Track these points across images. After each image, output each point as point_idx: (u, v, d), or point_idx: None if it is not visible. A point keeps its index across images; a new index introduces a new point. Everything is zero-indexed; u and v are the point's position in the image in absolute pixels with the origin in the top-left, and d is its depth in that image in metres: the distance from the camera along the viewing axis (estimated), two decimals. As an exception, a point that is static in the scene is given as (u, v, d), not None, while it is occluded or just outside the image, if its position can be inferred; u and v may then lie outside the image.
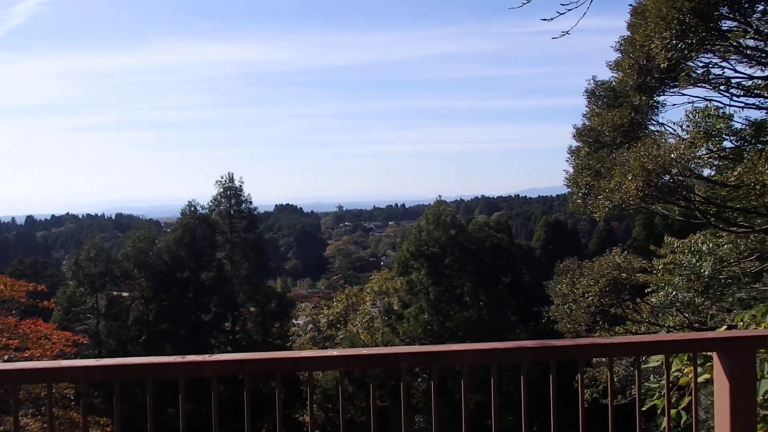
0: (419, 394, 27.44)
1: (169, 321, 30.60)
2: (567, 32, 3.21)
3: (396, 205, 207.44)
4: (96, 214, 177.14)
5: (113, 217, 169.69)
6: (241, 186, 33.58)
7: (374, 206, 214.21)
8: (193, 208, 33.03)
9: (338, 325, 37.40)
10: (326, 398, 28.99)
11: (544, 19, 3.12)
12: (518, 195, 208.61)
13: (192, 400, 21.04)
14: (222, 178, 33.29)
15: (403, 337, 28.48)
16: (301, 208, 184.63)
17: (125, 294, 31.62)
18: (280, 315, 32.65)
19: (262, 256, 33.38)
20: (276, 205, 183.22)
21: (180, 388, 2.75)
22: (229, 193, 33.12)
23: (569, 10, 3.08)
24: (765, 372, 5.00)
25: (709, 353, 3.11)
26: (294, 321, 39.75)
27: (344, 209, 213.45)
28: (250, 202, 33.81)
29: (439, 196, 33.49)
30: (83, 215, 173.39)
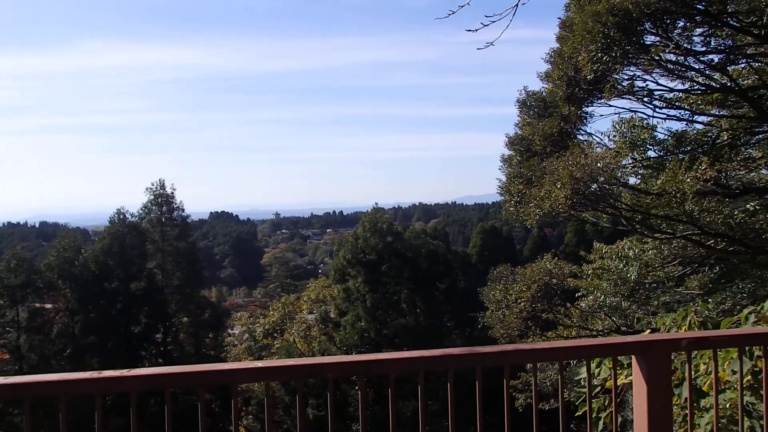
0: (356, 402, 27.33)
1: (96, 333, 29.52)
2: (491, 43, 3.26)
3: (334, 212, 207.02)
4: (18, 222, 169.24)
5: (36, 225, 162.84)
6: (173, 193, 32.84)
7: (312, 213, 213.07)
8: (122, 216, 32.04)
9: (275, 335, 36.94)
10: (262, 409, 28.55)
11: (469, 30, 3.16)
12: (455, 202, 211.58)
13: (122, 415, 20.31)
14: (153, 184, 32.46)
15: (340, 345, 28.36)
16: (237, 216, 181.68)
17: (48, 306, 30.34)
18: (214, 325, 32.01)
19: (195, 265, 32.67)
20: (211, 212, 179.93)
21: (96, 405, 2.62)
22: (160, 200, 32.30)
23: (493, 21, 3.12)
24: (685, 374, 5.19)
25: (629, 357, 3.18)
26: (229, 331, 39.08)
27: (281, 217, 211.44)
28: (183, 210, 33.08)
29: (376, 204, 33.49)
30: (4, 223, 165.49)
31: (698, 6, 11.00)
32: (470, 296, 28.95)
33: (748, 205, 13.25)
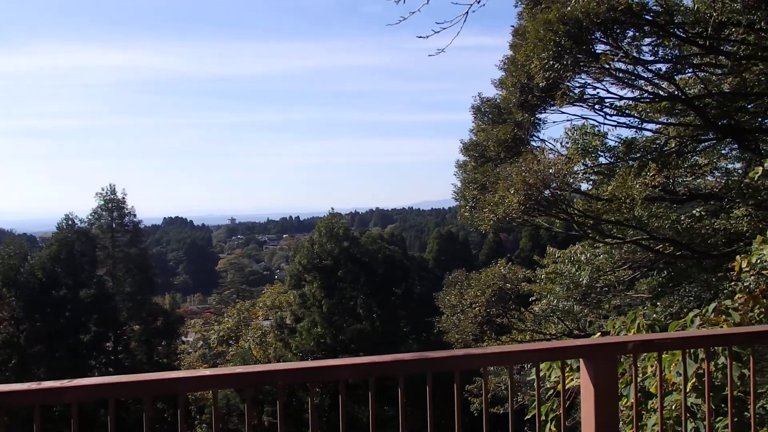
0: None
1: (43, 343, 28.58)
2: (443, 50, 3.27)
3: (290, 217, 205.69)
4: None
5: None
6: (124, 198, 32.11)
7: (268, 219, 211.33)
8: (70, 222, 31.14)
9: (230, 342, 36.40)
10: (218, 417, 28.09)
11: (420, 37, 3.15)
12: (412, 207, 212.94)
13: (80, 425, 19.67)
14: (103, 190, 31.68)
15: (296, 351, 28.13)
16: (191, 221, 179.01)
17: (-8, 315, 29.27)
18: (167, 333, 31.37)
19: (147, 272, 31.99)
20: (164, 218, 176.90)
21: (35, 417, 2.52)
22: (110, 205, 31.54)
23: (444, 29, 3.12)
24: (631, 376, 5.27)
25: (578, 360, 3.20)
26: (183, 338, 38.34)
27: (237, 222, 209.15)
28: (134, 215, 32.38)
29: (332, 209, 33.38)
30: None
31: (646, 17, 11.28)
32: (427, 301, 29.10)
33: (694, 211, 13.62)
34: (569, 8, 9.43)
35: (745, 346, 3.49)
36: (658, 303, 13.87)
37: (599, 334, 8.78)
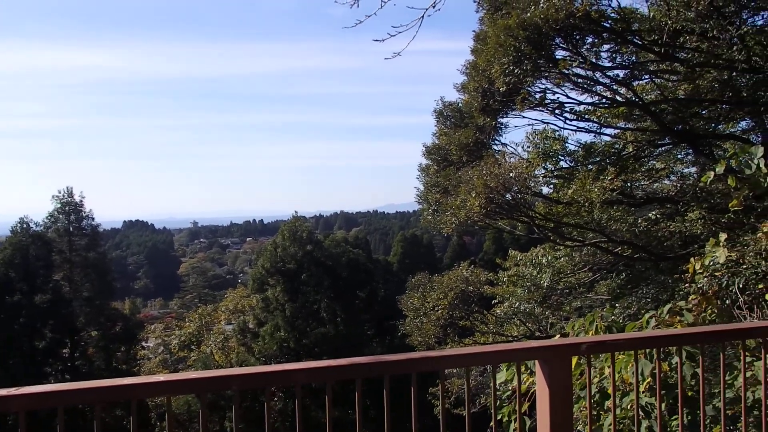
0: (275, 414, 26.93)
1: (-3, 349, 27.80)
2: (399, 53, 3.28)
3: (254, 220, 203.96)
4: None
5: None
6: (81, 201, 31.38)
7: (231, 222, 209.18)
8: (25, 225, 30.31)
9: (191, 347, 35.92)
10: (179, 424, 27.69)
11: (376, 40, 3.16)
12: (377, 210, 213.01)
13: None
14: (60, 192, 30.93)
15: (259, 355, 27.89)
16: (152, 225, 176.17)
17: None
18: (126, 338, 30.75)
19: (105, 276, 31.31)
20: (124, 221, 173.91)
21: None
22: (67, 208, 30.79)
23: (400, 32, 3.13)
24: (591, 376, 5.36)
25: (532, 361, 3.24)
26: (143, 344, 37.67)
27: (200, 225, 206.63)
28: (93, 218, 31.67)
29: (296, 212, 33.19)
30: None
31: (604, 24, 11.49)
32: (391, 304, 29.14)
33: (650, 214, 13.89)
34: (529, 14, 9.55)
35: (696, 345, 3.57)
36: (617, 304, 14.11)
37: (559, 335, 8.89)
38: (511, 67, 9.90)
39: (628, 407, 4.78)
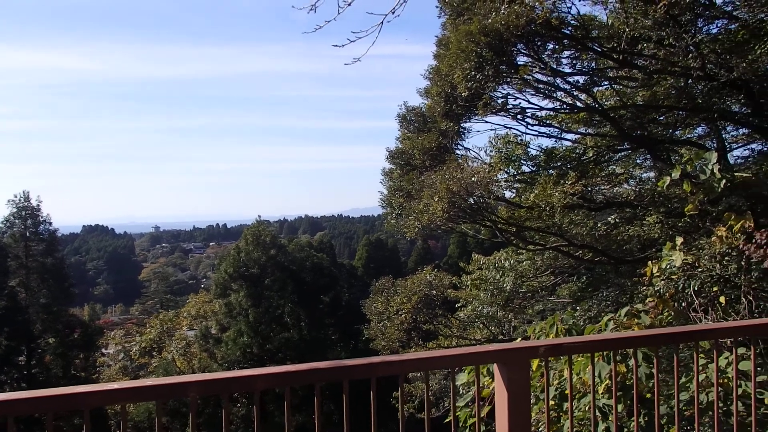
0: (238, 420, 26.63)
1: (-51, 358, 26.93)
2: (359, 59, 3.27)
3: (217, 225, 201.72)
4: None
5: None
6: (38, 205, 30.63)
7: (194, 226, 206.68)
8: (-22, 231, 29.52)
9: (153, 353, 35.28)
10: (139, 431, 27.20)
11: (336, 46, 3.15)
12: (342, 215, 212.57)
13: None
14: (16, 197, 30.15)
15: (221, 361, 27.55)
16: (112, 229, 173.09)
17: None
18: (84, 345, 30.04)
19: (63, 282, 30.58)
20: (83, 225, 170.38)
21: None
22: (24, 213, 30.01)
23: (360, 38, 3.12)
24: (551, 379, 5.41)
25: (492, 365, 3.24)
26: (103, 351, 36.90)
27: (161, 230, 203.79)
28: (50, 223, 30.93)
29: (259, 216, 32.95)
30: None
31: (564, 31, 11.65)
32: (355, 308, 29.09)
33: (610, 218, 14.12)
34: (490, 20, 9.62)
35: (651, 347, 3.62)
36: (578, 307, 14.31)
37: (521, 338, 8.97)
38: (473, 73, 9.97)
39: (587, 409, 4.84)
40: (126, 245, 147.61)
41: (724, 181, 6.35)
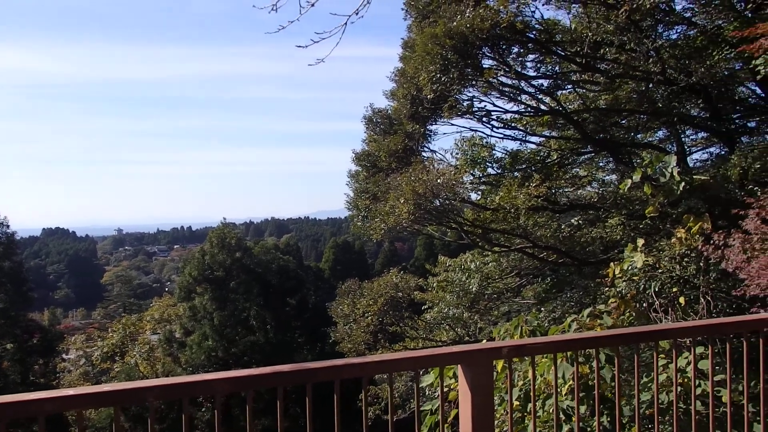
0: (203, 425, 26.28)
1: None
2: (322, 60, 3.24)
3: (182, 227, 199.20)
4: None
5: None
6: (-5, 208, 29.88)
7: (158, 229, 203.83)
8: (-67, 235, 28.61)
9: (115, 358, 34.61)
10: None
11: (299, 46, 3.11)
12: (308, 217, 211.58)
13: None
14: (-28, 199, 29.36)
15: (186, 365, 27.16)
16: (73, 232, 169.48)
17: None
18: (44, 351, 29.32)
19: (22, 286, 29.80)
20: (44, 228, 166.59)
21: None
22: (-20, 216, 29.23)
23: (323, 39, 3.09)
24: (515, 380, 5.44)
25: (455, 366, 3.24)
26: (63, 356, 36.09)
27: (124, 233, 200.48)
28: (8, 226, 30.09)
29: (224, 219, 32.58)
30: None
31: (529, 35, 11.78)
32: (322, 311, 28.97)
33: (573, 220, 14.30)
34: (455, 23, 9.67)
35: (612, 348, 3.65)
36: (543, 308, 14.44)
37: (486, 340, 9.03)
38: (438, 75, 10.01)
39: (551, 410, 4.87)
40: (88, 248, 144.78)
41: (683, 183, 6.48)
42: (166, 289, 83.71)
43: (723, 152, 12.61)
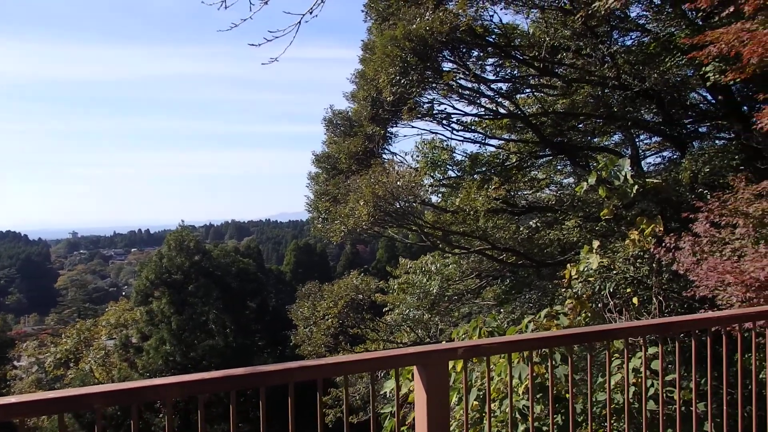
0: (160, 431, 25.81)
1: None
2: (276, 59, 3.21)
3: (140, 230, 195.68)
4: None
5: None
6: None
7: (115, 232, 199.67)
8: None
9: (69, 364, 33.74)
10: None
11: (252, 45, 3.08)
12: (270, 219, 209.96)
13: None
14: None
15: (143, 371, 26.64)
16: (25, 236, 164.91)
17: None
18: (-6, 357, 28.52)
19: (-30, 291, 28.95)
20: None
21: None
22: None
23: (276, 37, 3.06)
24: (472, 381, 5.47)
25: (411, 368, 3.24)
26: (15, 363, 35.10)
27: (79, 236, 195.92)
28: (-44, 229, 29.25)
29: (182, 221, 32.08)
30: None
31: (488, 39, 11.90)
32: (283, 314, 28.73)
33: (531, 222, 14.48)
34: (415, 26, 9.71)
35: (566, 348, 3.70)
36: (502, 309, 14.59)
37: (446, 341, 9.08)
38: (398, 78, 10.03)
39: (507, 410, 4.91)
40: (41, 252, 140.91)
41: (636, 187, 6.61)
42: (123, 293, 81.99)
43: (675, 156, 12.92)
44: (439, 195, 14.97)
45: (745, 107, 10.90)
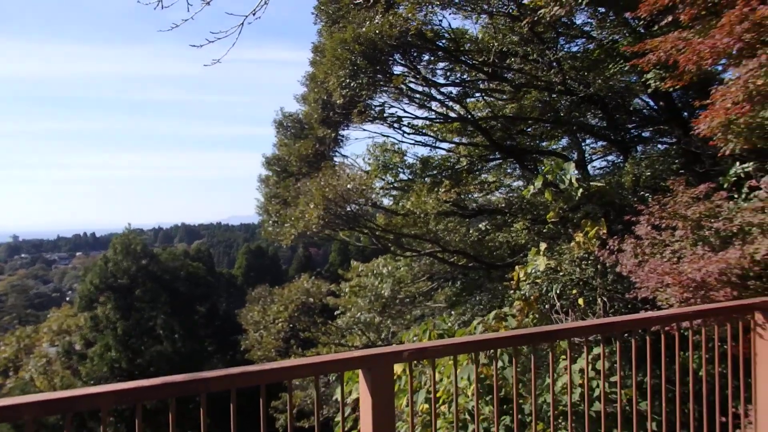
0: (106, 441, 25.11)
1: None
2: (218, 60, 3.15)
3: (85, 234, 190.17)
4: None
5: None
6: None
7: (59, 236, 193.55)
8: None
9: (8, 373, 32.54)
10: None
11: (193, 46, 3.03)
12: (220, 223, 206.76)
13: None
14: None
15: (87, 378, 25.90)
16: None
17: None
18: (-74, 367, 27.30)
19: None
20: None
21: None
22: None
23: (219, 38, 3.01)
24: (422, 383, 5.48)
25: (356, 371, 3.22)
26: (-51, 373, 33.58)
27: (21, 239, 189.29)
28: None
29: (129, 224, 31.36)
30: None
31: (438, 43, 11.98)
32: (234, 318, 28.35)
33: (481, 225, 14.63)
34: (364, 29, 9.71)
35: (513, 349, 3.74)
36: (453, 312, 14.69)
37: (396, 344, 9.09)
38: (348, 80, 10.01)
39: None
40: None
41: (580, 190, 6.74)
42: (67, 298, 79.59)
43: (620, 160, 13.23)
44: (391, 198, 15.00)
45: (685, 113, 11.23)
